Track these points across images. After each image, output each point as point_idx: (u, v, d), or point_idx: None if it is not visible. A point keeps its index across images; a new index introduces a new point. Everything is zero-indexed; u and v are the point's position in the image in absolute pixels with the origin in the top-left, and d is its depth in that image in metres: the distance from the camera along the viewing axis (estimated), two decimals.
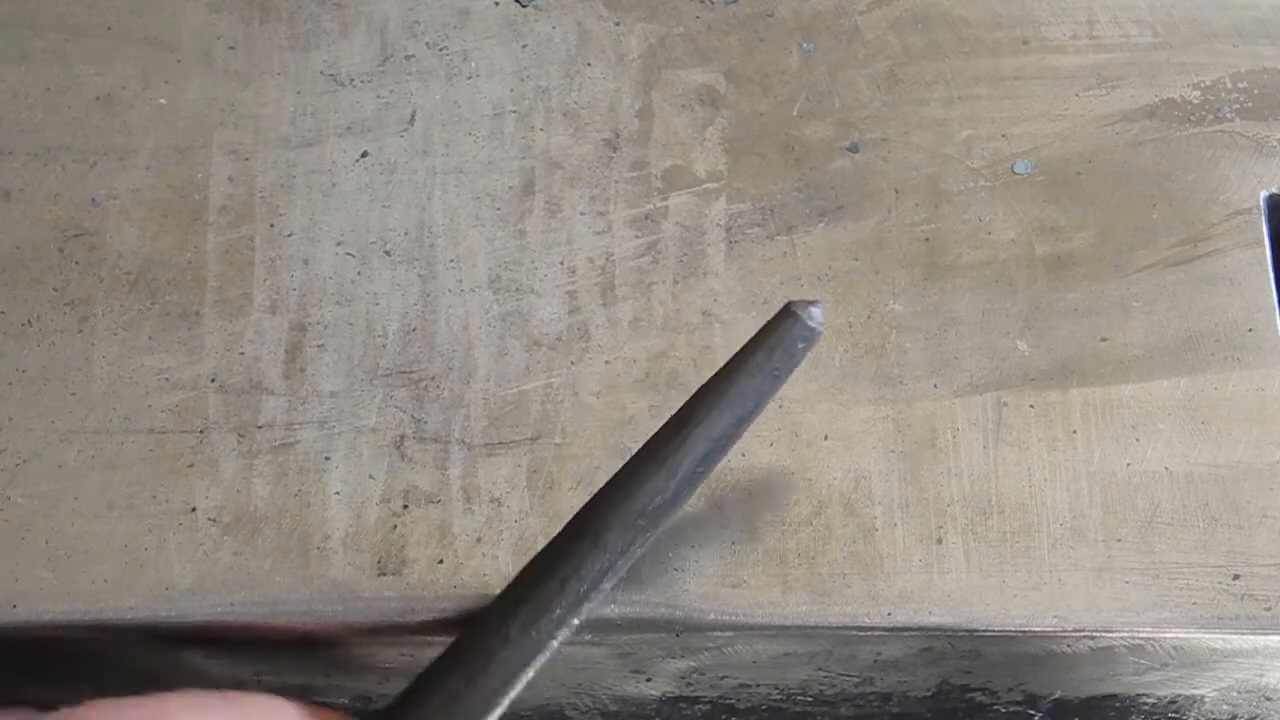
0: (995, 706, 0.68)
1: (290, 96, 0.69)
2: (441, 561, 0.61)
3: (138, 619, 0.60)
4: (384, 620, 0.60)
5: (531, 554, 0.61)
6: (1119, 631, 0.60)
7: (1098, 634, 0.60)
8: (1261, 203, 0.66)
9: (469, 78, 0.69)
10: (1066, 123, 0.68)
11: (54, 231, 0.66)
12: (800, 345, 0.55)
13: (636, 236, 0.66)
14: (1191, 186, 0.67)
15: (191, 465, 0.62)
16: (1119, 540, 0.61)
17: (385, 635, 0.61)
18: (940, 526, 0.61)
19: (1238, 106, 0.68)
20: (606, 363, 0.64)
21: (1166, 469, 0.62)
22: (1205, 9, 0.70)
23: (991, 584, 0.60)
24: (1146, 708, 0.68)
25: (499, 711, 0.54)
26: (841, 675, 0.65)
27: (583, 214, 0.67)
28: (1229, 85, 0.69)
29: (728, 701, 0.68)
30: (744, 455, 0.62)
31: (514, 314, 0.65)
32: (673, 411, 0.58)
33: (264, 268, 0.66)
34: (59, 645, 0.62)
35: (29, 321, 0.64)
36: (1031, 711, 0.69)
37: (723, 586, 0.60)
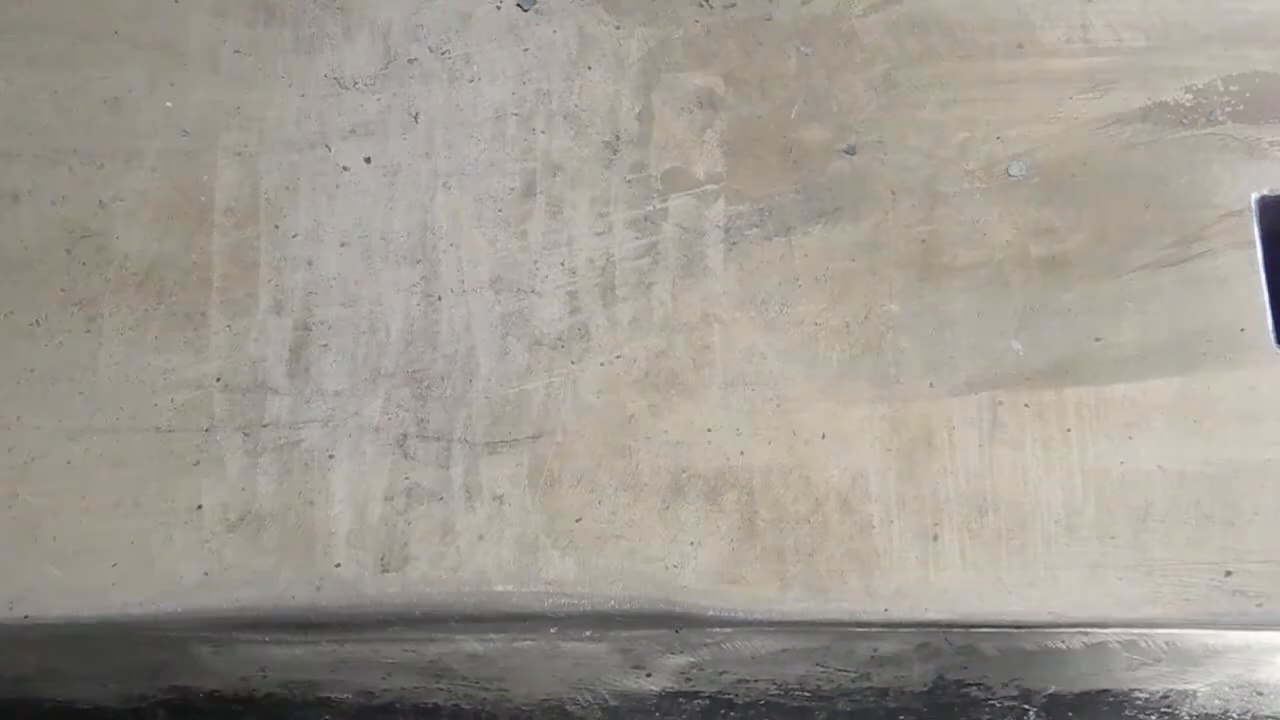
0: (990, 701, 0.69)
1: (295, 99, 0.69)
2: (444, 558, 0.61)
3: (145, 615, 0.61)
4: (387, 617, 0.61)
5: (533, 551, 0.62)
6: (1112, 627, 0.61)
7: (1091, 630, 0.61)
8: (1253, 204, 0.67)
9: (471, 81, 0.70)
10: (1060, 125, 0.68)
11: (62, 233, 0.67)
12: None
13: (636, 238, 0.67)
14: (1184, 188, 0.67)
15: (197, 463, 0.63)
16: (1112, 537, 0.61)
17: (388, 631, 0.62)
18: (936, 524, 0.62)
19: (1229, 109, 0.68)
20: (606, 362, 0.65)
21: (1159, 467, 0.62)
22: (1197, 13, 0.70)
23: (987, 580, 0.61)
24: (1139, 702, 0.69)
25: None
26: (839, 671, 0.66)
27: (583, 215, 0.67)
28: (1221, 88, 0.69)
29: (726, 697, 0.69)
30: (743, 454, 0.63)
31: (515, 314, 0.66)
32: (672, 411, 0.58)
33: (269, 268, 0.66)
34: (68, 641, 0.63)
35: (37, 321, 0.65)
36: (1026, 706, 0.70)
37: (721, 583, 0.61)
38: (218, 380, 0.64)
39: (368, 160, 0.68)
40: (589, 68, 0.70)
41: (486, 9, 0.71)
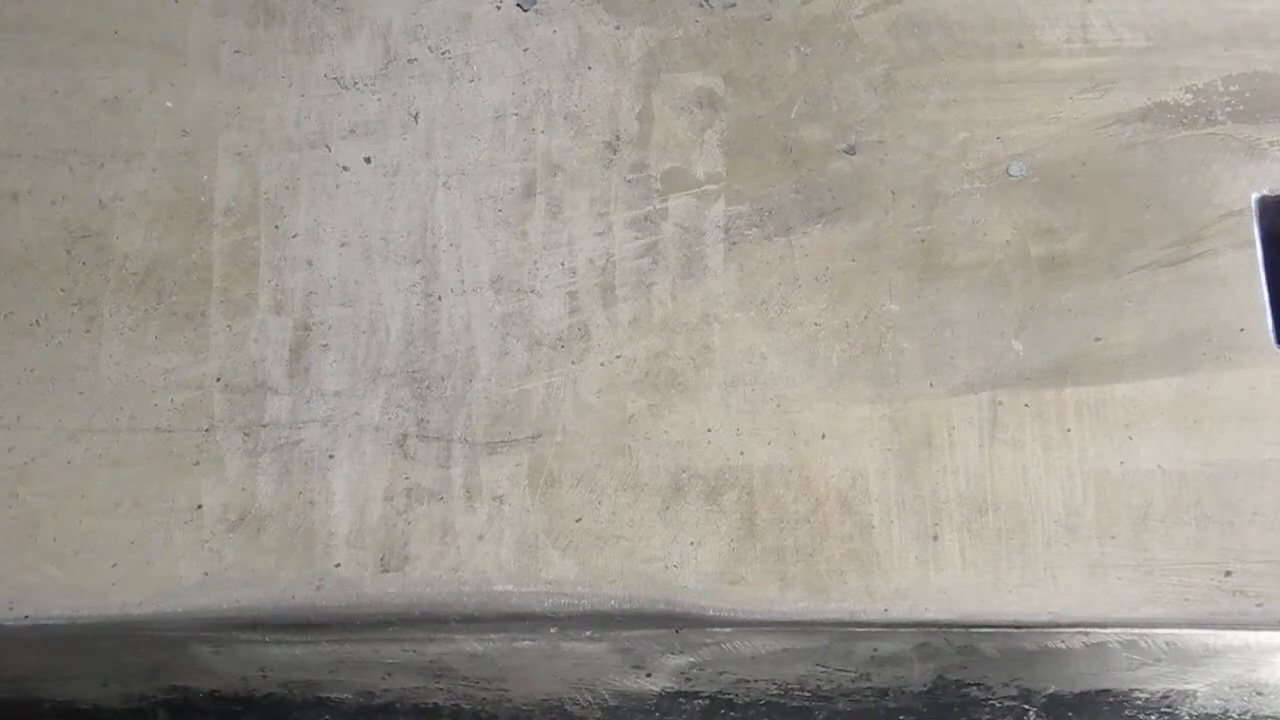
0: (990, 701, 0.69)
1: (295, 99, 0.69)
2: (444, 558, 0.62)
3: (145, 615, 0.61)
4: (387, 616, 0.61)
5: (533, 551, 0.62)
6: (1112, 627, 0.61)
7: (1091, 630, 0.61)
8: (1253, 204, 0.67)
9: (471, 81, 0.70)
10: (1060, 125, 0.69)
11: (62, 233, 0.67)
12: None
13: (636, 238, 0.67)
14: (1184, 188, 0.67)
15: (197, 463, 0.63)
16: (1112, 537, 0.61)
17: (389, 631, 0.62)
18: (936, 524, 0.62)
19: (1229, 109, 0.69)
20: (607, 362, 0.65)
21: (1159, 467, 0.62)
22: (1197, 13, 0.70)
23: (986, 580, 0.61)
24: (1139, 702, 0.69)
25: None
26: (839, 671, 0.66)
27: (583, 215, 0.68)
28: (1221, 88, 0.69)
29: (726, 697, 0.69)
30: (742, 454, 0.63)
31: (515, 314, 0.66)
32: (672, 410, 0.58)
33: (269, 268, 0.66)
34: (68, 641, 0.63)
35: (37, 321, 0.65)
36: (1026, 706, 0.70)
37: (721, 583, 0.61)
38: (218, 380, 0.64)
39: (368, 160, 0.68)
40: (589, 68, 0.70)
41: (486, 9, 0.71)
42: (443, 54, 0.71)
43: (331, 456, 0.63)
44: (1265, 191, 0.67)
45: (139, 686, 0.69)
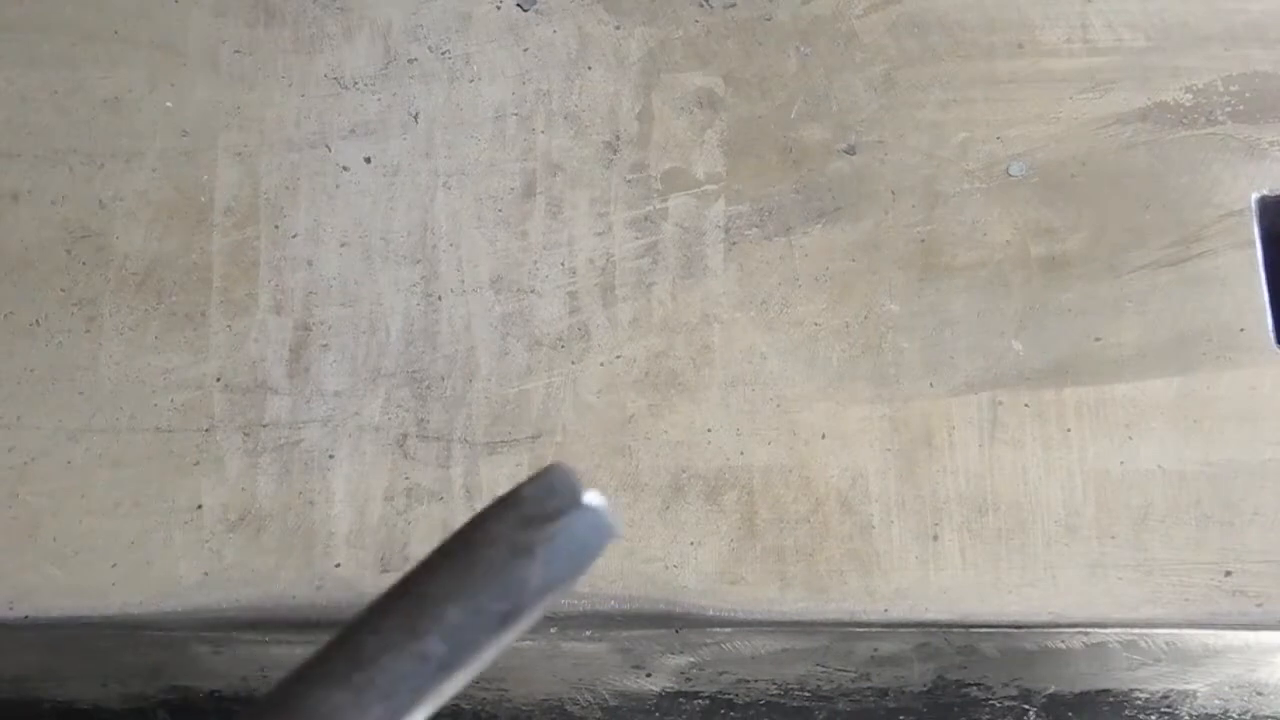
0: (990, 701, 0.69)
1: (295, 99, 0.69)
2: None
3: (145, 615, 0.61)
4: None
5: None
6: (1112, 627, 0.61)
7: (1091, 630, 0.61)
8: (1253, 204, 0.67)
9: (471, 81, 0.70)
10: (1061, 125, 0.69)
11: (62, 233, 0.67)
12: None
13: (636, 237, 0.67)
14: (1184, 188, 0.67)
15: (197, 463, 0.63)
16: (1112, 537, 0.61)
17: None
18: (936, 524, 0.62)
19: (1229, 109, 0.69)
20: (606, 362, 0.65)
21: (1159, 467, 0.62)
22: (1197, 13, 0.70)
23: (986, 580, 0.61)
24: (1139, 702, 0.69)
25: None
26: (839, 670, 0.66)
27: (583, 215, 0.68)
28: (1221, 88, 0.69)
29: (726, 697, 0.69)
30: (742, 454, 0.63)
31: (515, 314, 0.66)
32: (672, 410, 0.58)
33: (269, 268, 0.66)
34: (68, 641, 0.63)
35: (37, 321, 0.65)
36: (1026, 706, 0.70)
37: (721, 583, 0.61)
38: (218, 380, 0.64)
39: (368, 160, 0.68)
40: (589, 68, 0.70)
41: (486, 9, 0.71)
42: (443, 54, 0.71)
43: (331, 456, 0.63)
44: (1265, 191, 0.67)
45: (139, 686, 0.69)
